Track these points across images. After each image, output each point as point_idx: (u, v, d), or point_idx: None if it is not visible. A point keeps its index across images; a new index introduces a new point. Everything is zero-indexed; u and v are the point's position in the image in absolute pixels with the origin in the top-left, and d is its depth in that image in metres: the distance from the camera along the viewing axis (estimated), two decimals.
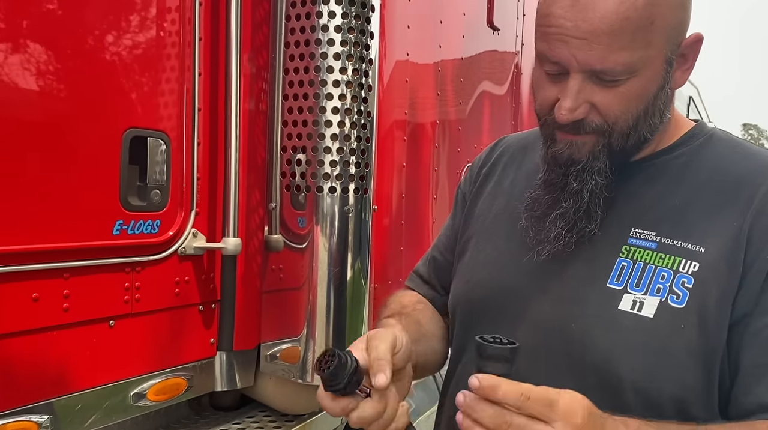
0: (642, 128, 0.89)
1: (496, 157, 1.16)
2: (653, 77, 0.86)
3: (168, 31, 1.47)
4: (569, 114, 0.86)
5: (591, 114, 0.87)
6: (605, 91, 0.85)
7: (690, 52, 0.90)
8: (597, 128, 0.87)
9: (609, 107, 0.86)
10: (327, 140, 1.59)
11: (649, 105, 0.88)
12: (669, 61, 0.87)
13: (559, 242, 0.92)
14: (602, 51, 0.81)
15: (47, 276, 1.26)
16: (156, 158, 1.45)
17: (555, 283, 0.95)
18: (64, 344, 1.31)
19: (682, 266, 0.87)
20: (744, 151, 0.96)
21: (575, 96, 0.85)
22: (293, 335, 1.68)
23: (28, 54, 1.21)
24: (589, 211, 0.91)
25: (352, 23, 1.58)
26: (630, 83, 0.84)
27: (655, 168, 0.96)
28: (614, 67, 0.82)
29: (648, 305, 0.87)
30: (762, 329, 0.84)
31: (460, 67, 2.54)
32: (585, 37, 0.81)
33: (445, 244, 1.20)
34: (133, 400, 1.46)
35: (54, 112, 1.26)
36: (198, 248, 1.57)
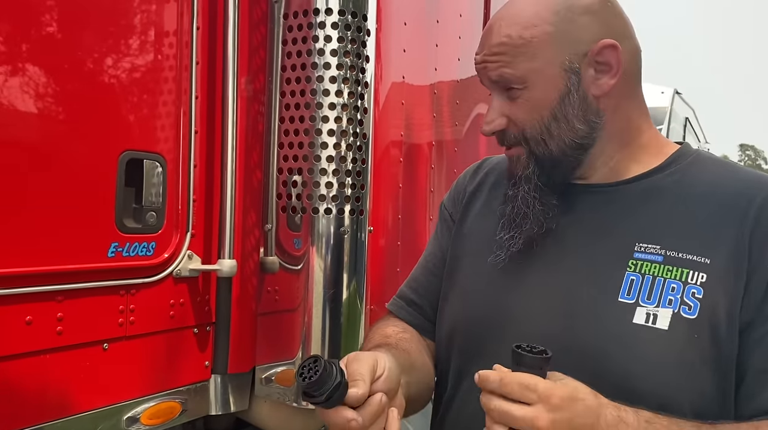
0: (560, 132, 0.97)
1: (482, 177, 1.19)
2: (548, 85, 0.95)
3: (165, 54, 1.48)
4: (486, 126, 1.01)
5: (510, 126, 1.00)
6: (512, 104, 0.98)
7: (610, 58, 0.96)
8: (515, 139, 1.00)
9: (517, 117, 0.98)
10: (323, 162, 1.60)
11: (557, 111, 0.96)
12: (571, 69, 0.95)
13: (511, 243, 1.00)
14: (496, 66, 0.97)
15: (41, 299, 1.26)
16: (152, 180, 1.46)
17: (563, 301, 0.95)
18: (57, 368, 1.30)
19: (690, 277, 0.89)
20: (732, 169, 1.00)
21: (492, 110, 1.00)
22: (288, 358, 1.67)
23: (26, 77, 1.22)
24: (526, 214, 0.98)
25: (347, 47, 1.60)
26: (527, 93, 0.96)
27: (647, 186, 0.99)
28: (503, 76, 0.97)
29: (662, 317, 0.88)
30: (765, 335, 0.86)
31: (457, 89, 2.56)
32: (483, 60, 1.00)
33: (433, 263, 1.19)
34: (126, 424, 1.44)
35: (50, 134, 1.27)
36: (193, 270, 1.56)
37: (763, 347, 0.86)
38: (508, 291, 1.02)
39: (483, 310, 1.04)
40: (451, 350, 1.09)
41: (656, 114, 7.66)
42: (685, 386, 0.87)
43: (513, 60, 0.96)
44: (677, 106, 8.51)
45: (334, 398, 0.77)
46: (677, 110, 8.52)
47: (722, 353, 0.87)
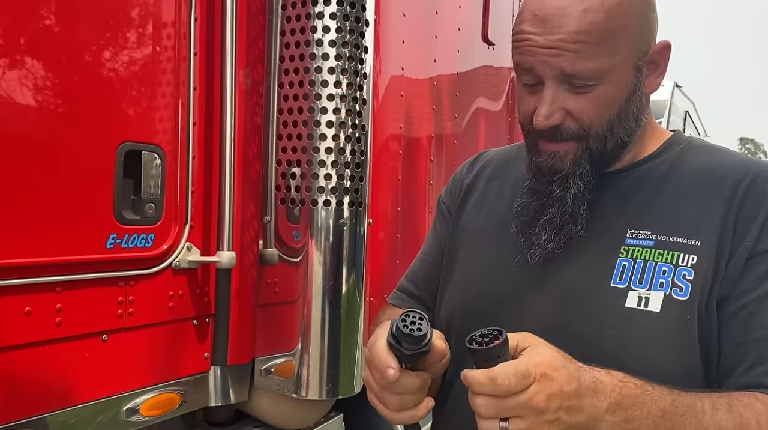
0: (618, 132, 0.95)
1: (478, 170, 1.18)
2: (622, 83, 0.92)
3: (164, 45, 1.48)
4: (545, 120, 0.92)
5: (567, 120, 0.93)
6: (578, 98, 0.91)
7: (660, 59, 0.96)
8: (574, 134, 0.93)
9: (582, 112, 0.92)
10: (321, 154, 1.59)
11: (622, 109, 0.93)
12: (638, 67, 0.93)
13: (549, 245, 0.96)
14: (571, 58, 0.88)
15: (40, 290, 1.26)
16: (150, 172, 1.45)
17: (556, 288, 0.96)
18: (56, 359, 1.30)
19: (681, 259, 0.90)
20: (722, 154, 1.01)
21: (550, 103, 0.91)
22: (288, 350, 1.67)
23: (24, 69, 1.22)
24: (575, 214, 0.95)
25: (346, 38, 1.59)
26: (600, 89, 0.91)
27: (640, 174, 1.00)
28: (583, 71, 0.89)
29: (653, 300, 0.89)
30: (738, 310, 0.87)
31: (456, 81, 2.56)
32: (554, 46, 0.88)
33: (432, 256, 1.20)
34: (125, 415, 1.44)
35: (49, 125, 1.26)
36: (192, 261, 1.56)
37: (737, 321, 0.87)
38: (503, 279, 1.03)
39: (479, 298, 1.05)
40: (449, 339, 1.09)
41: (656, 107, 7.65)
42: (678, 366, 0.88)
43: (597, 53, 0.88)
44: (677, 100, 8.50)
45: (415, 359, 0.82)
46: (677, 103, 8.51)
47: (704, 328, 0.88)
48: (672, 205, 0.95)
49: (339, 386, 1.67)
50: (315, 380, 1.65)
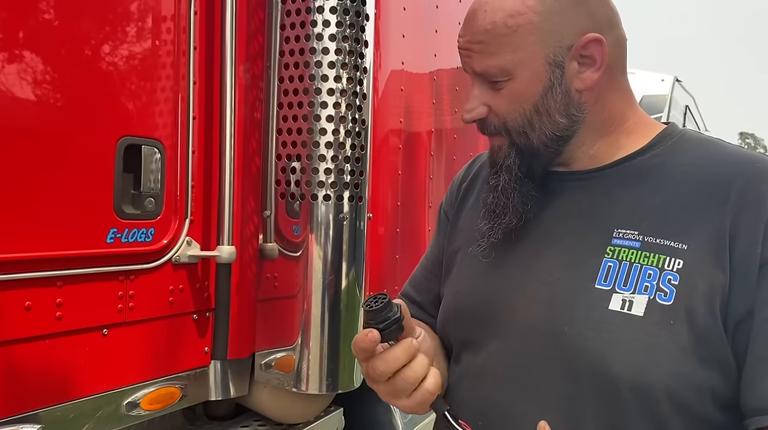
0: (542, 126, 0.96)
1: (475, 172, 1.19)
2: (532, 78, 0.94)
3: (163, 39, 1.47)
4: (467, 114, 0.99)
5: (490, 116, 0.98)
6: (494, 94, 0.96)
7: (593, 53, 0.94)
8: (496, 129, 0.98)
9: (499, 108, 0.97)
10: (321, 148, 1.59)
11: (539, 105, 0.95)
12: (555, 62, 0.93)
13: (491, 233, 1.00)
14: (479, 57, 0.94)
15: (40, 284, 1.26)
16: (150, 166, 1.45)
17: (542, 288, 0.95)
18: (56, 353, 1.30)
19: (667, 263, 0.88)
20: (717, 149, 0.97)
21: (473, 99, 0.98)
22: (288, 344, 1.68)
23: (23, 63, 1.21)
24: (505, 204, 0.98)
25: (346, 32, 1.59)
26: (510, 85, 0.94)
27: (630, 169, 0.98)
28: (487, 69, 0.94)
29: (637, 303, 0.88)
30: (762, 322, 0.84)
31: (456, 76, 2.55)
32: (467, 47, 0.96)
33: (431, 262, 1.21)
34: (126, 409, 1.45)
35: (48, 119, 1.26)
36: (192, 256, 1.56)
37: (762, 334, 0.84)
38: (491, 281, 1.02)
39: (469, 301, 1.05)
40: (448, 340, 1.10)
41: (656, 102, 7.64)
42: (660, 370, 0.86)
43: (498, 50, 0.93)
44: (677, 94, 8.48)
45: (391, 331, 0.85)
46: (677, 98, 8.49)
47: (701, 338, 0.85)
48: (661, 203, 0.93)
49: (339, 380, 1.67)
50: (315, 374, 1.65)
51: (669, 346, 0.86)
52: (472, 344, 1.02)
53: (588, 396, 0.88)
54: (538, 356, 0.92)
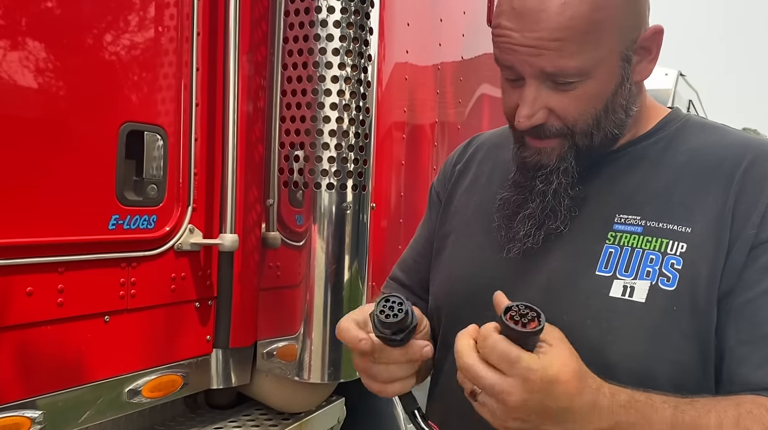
0: (606, 126, 0.90)
1: (471, 153, 1.16)
2: (608, 76, 0.87)
3: (166, 25, 1.46)
4: (526, 121, 0.88)
5: (550, 119, 0.88)
6: (561, 95, 0.87)
7: (652, 44, 0.92)
8: (558, 132, 0.89)
9: (566, 111, 0.88)
10: (325, 136, 1.58)
11: (609, 103, 0.89)
12: (625, 57, 0.88)
13: (528, 239, 0.93)
14: (552, 56, 0.83)
15: (42, 270, 1.25)
16: (153, 153, 1.44)
17: (542, 275, 0.94)
18: (58, 339, 1.30)
19: (669, 247, 0.87)
20: (721, 133, 0.96)
21: (531, 103, 0.87)
22: (290, 333, 1.67)
23: (25, 49, 1.20)
24: (555, 209, 0.92)
25: (351, 19, 1.57)
26: (584, 85, 0.86)
27: (634, 154, 0.96)
28: (566, 70, 0.84)
29: (639, 289, 0.86)
30: (745, 304, 0.84)
31: (460, 66, 2.53)
32: (533, 44, 0.83)
33: (422, 244, 1.18)
34: (127, 396, 1.44)
35: (51, 105, 1.25)
36: (195, 244, 1.56)
37: (743, 316, 0.84)
38: (490, 265, 1.01)
39: (464, 284, 1.03)
40: (438, 324, 1.09)
41: (660, 96, 7.61)
42: (662, 357, 0.85)
43: (579, 49, 0.82)
44: (681, 89, 8.45)
45: (405, 340, 0.82)
46: (681, 92, 8.46)
47: (702, 324, 0.85)
48: (664, 188, 0.91)
49: (341, 369, 1.67)
50: (317, 363, 1.65)
51: (671, 334, 0.85)
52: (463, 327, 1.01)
53: None
54: None
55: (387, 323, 0.79)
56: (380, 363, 0.85)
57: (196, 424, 1.75)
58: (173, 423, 1.74)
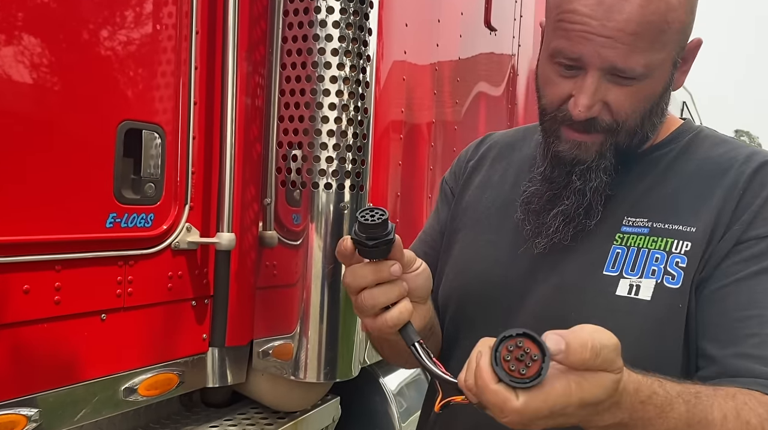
0: (647, 127, 0.92)
1: (484, 151, 1.17)
2: (662, 78, 0.89)
3: (165, 23, 1.46)
4: (586, 111, 0.87)
5: (603, 113, 0.89)
6: (619, 90, 0.87)
7: (690, 56, 0.94)
8: (607, 127, 0.89)
9: (621, 106, 0.88)
10: (323, 136, 1.58)
11: (655, 105, 0.91)
12: (675, 63, 0.90)
13: (556, 235, 0.93)
14: (626, 50, 0.83)
15: (39, 268, 1.25)
16: (151, 151, 1.44)
17: (552, 275, 0.96)
18: (54, 337, 1.29)
19: (674, 246, 0.89)
20: (729, 145, 0.98)
21: (593, 93, 0.86)
22: (286, 332, 1.67)
23: (22, 46, 1.20)
24: (590, 207, 0.93)
25: (350, 19, 1.57)
26: (643, 84, 0.87)
27: (647, 162, 0.98)
28: (635, 67, 0.84)
29: (644, 288, 0.88)
30: (715, 291, 0.86)
31: (458, 66, 2.54)
32: (611, 35, 0.82)
33: (433, 237, 1.18)
34: (123, 395, 1.44)
35: (48, 103, 1.25)
36: (192, 242, 1.55)
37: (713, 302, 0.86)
38: (501, 263, 1.02)
39: (476, 281, 1.04)
40: (444, 320, 1.10)
41: None
42: (667, 354, 0.87)
43: (650, 46, 0.83)
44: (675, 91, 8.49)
45: (377, 251, 0.79)
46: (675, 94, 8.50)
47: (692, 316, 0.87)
48: (672, 192, 0.94)
49: (337, 369, 1.67)
50: (313, 362, 1.65)
51: (676, 331, 0.87)
52: (474, 326, 1.01)
53: None
54: None
55: (364, 224, 0.77)
56: (356, 281, 0.81)
57: (192, 422, 1.75)
58: (169, 421, 1.74)
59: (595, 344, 0.65)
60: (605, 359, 0.65)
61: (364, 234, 0.78)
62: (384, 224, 0.77)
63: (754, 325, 0.83)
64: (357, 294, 0.82)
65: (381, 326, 0.82)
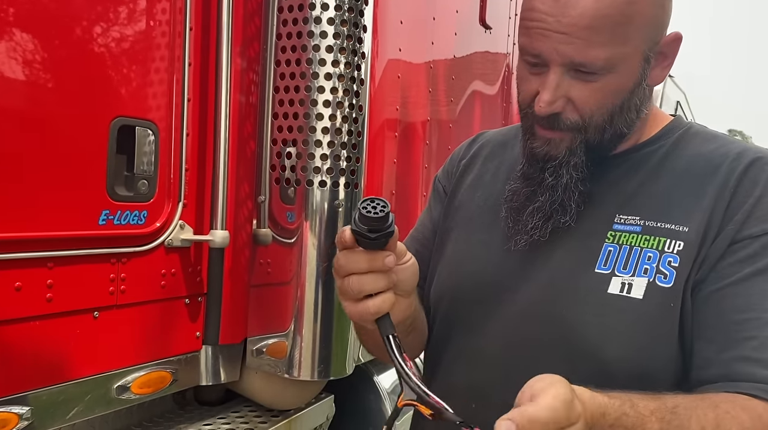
0: (618, 123, 0.92)
1: (476, 150, 1.17)
2: (630, 73, 0.88)
3: (158, 19, 1.45)
4: (547, 107, 0.88)
5: (567, 110, 0.89)
6: (582, 86, 0.87)
7: (669, 51, 0.93)
8: (572, 125, 0.90)
9: (585, 102, 0.88)
10: (318, 134, 1.58)
11: (625, 101, 0.90)
12: (646, 58, 0.89)
13: (535, 232, 0.94)
14: (582, 45, 0.83)
15: (31, 265, 1.24)
16: (144, 148, 1.43)
17: (543, 273, 0.95)
18: (46, 335, 1.29)
19: (667, 245, 0.89)
20: (720, 141, 0.98)
21: (554, 89, 0.87)
22: (280, 330, 1.67)
23: (14, 42, 1.19)
24: (564, 204, 0.93)
25: (345, 16, 1.57)
26: (607, 79, 0.87)
27: (636, 159, 0.98)
28: (594, 61, 0.84)
29: (636, 286, 0.88)
30: (711, 294, 0.86)
31: (453, 64, 2.53)
32: (565, 31, 0.83)
33: (423, 234, 1.18)
34: (116, 393, 1.44)
35: (41, 100, 1.24)
36: (185, 240, 1.55)
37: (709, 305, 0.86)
38: (493, 262, 1.02)
39: (468, 280, 1.04)
40: (435, 320, 1.09)
41: None
42: (659, 353, 0.87)
43: (609, 40, 0.83)
44: (669, 90, 8.51)
45: (377, 243, 0.78)
46: (669, 94, 8.52)
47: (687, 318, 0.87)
48: (664, 190, 0.93)
49: (331, 367, 1.67)
50: (307, 360, 1.64)
51: (668, 330, 0.87)
52: (467, 325, 1.01)
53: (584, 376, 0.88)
54: (536, 340, 0.93)
55: (367, 217, 0.76)
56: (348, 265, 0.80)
57: (185, 420, 1.74)
58: (162, 420, 1.73)
59: (543, 416, 0.65)
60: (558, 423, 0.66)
61: (365, 226, 0.77)
62: (386, 217, 0.77)
63: (752, 328, 0.83)
64: (345, 277, 0.81)
65: (362, 311, 0.82)
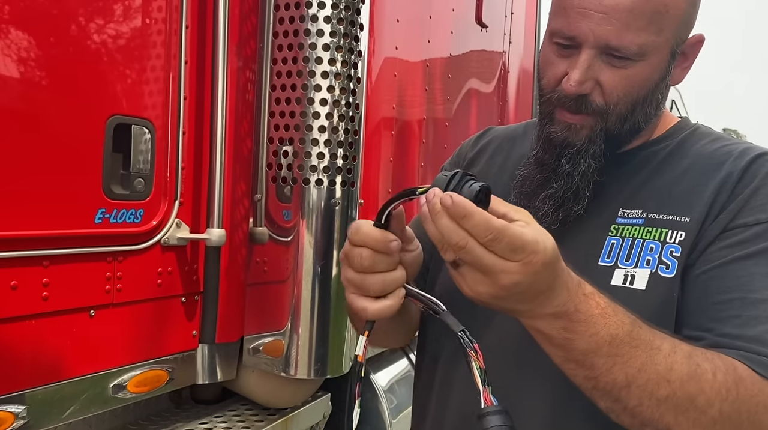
0: (638, 115, 0.93)
1: (484, 144, 1.18)
2: (658, 66, 0.89)
3: (154, 17, 1.44)
4: (577, 86, 0.88)
5: (594, 93, 0.90)
6: (612, 72, 0.88)
7: (690, 52, 0.95)
8: (597, 109, 0.90)
9: (613, 88, 0.89)
10: (314, 132, 1.58)
11: (649, 93, 0.91)
12: (673, 53, 0.91)
13: (546, 219, 0.93)
14: (620, 28, 0.84)
15: (26, 264, 1.24)
16: (140, 146, 1.43)
17: None
18: (42, 334, 1.28)
19: (669, 236, 0.89)
20: (726, 141, 0.99)
21: (586, 69, 0.88)
22: (277, 329, 1.67)
23: (9, 40, 1.18)
24: (578, 192, 0.93)
25: (341, 14, 1.57)
26: (637, 67, 0.88)
27: (642, 157, 0.99)
28: (628, 45, 0.85)
29: (639, 277, 0.88)
30: (699, 276, 0.87)
31: (449, 63, 2.54)
32: (606, 11, 0.84)
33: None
34: (112, 391, 1.43)
35: (37, 98, 1.23)
36: (181, 238, 1.54)
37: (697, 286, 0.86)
38: None
39: None
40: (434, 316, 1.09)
41: None
42: None
43: (645, 27, 0.84)
44: None
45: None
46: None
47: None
48: (667, 184, 0.94)
49: (327, 365, 1.67)
50: (304, 359, 1.64)
51: (672, 320, 0.87)
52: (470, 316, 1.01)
53: None
54: None
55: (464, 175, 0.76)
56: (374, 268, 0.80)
57: (181, 419, 1.74)
58: (158, 418, 1.73)
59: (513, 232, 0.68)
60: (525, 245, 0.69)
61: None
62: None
63: (736, 307, 0.83)
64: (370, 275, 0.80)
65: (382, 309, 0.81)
